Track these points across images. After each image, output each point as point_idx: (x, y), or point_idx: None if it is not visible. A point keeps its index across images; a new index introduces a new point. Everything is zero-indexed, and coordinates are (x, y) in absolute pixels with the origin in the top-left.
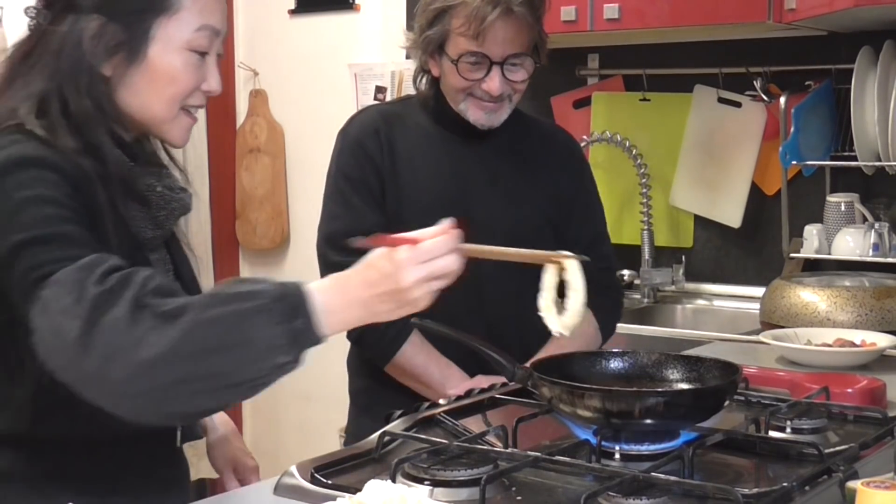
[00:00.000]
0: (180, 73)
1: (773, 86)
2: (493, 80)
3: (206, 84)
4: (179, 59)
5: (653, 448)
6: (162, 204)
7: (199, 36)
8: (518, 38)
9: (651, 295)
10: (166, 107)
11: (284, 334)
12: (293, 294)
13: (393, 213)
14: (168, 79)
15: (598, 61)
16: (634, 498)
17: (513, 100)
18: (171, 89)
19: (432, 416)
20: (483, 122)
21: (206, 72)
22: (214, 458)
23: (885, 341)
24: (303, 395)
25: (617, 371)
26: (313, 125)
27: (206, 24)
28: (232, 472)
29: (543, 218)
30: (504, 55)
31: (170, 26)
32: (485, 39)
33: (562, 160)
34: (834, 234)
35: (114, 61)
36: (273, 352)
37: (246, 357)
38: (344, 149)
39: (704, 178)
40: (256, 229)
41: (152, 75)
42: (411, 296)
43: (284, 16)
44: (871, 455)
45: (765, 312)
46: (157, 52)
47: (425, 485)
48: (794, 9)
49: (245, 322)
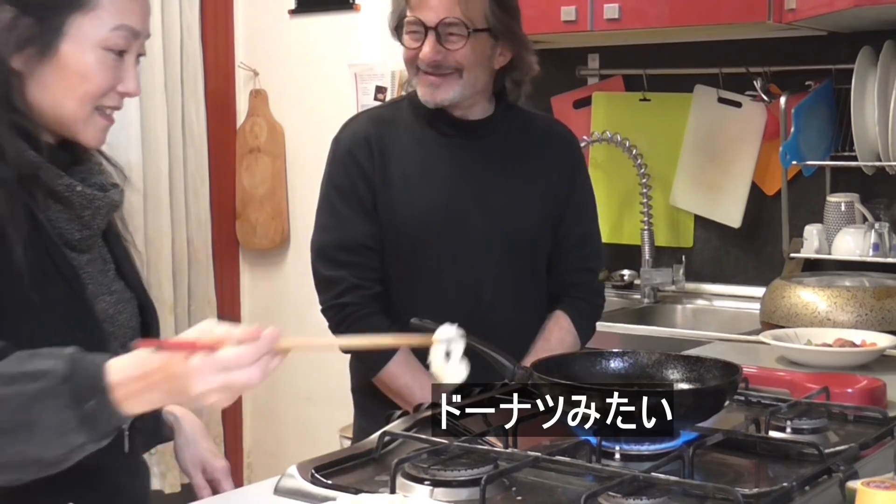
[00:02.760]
0: (93, 72)
1: (774, 86)
2: (426, 45)
3: (123, 85)
4: (93, 57)
5: (653, 448)
6: (85, 203)
7: (115, 35)
8: (454, 4)
9: (651, 295)
10: (78, 106)
11: (75, 417)
12: (85, 374)
13: (387, 221)
14: (80, 77)
15: (598, 61)
16: (634, 498)
17: (464, 77)
18: (84, 88)
19: (432, 416)
20: (428, 98)
21: (123, 73)
22: (182, 461)
23: (885, 341)
24: (303, 396)
25: (617, 371)
26: (313, 125)
27: (123, 24)
28: (201, 473)
29: (542, 216)
30: (436, 20)
31: (84, 23)
32: (420, 5)
33: (558, 156)
34: (834, 234)
35: (24, 55)
36: (65, 435)
37: (36, 439)
38: (335, 159)
39: (704, 178)
40: (256, 229)
41: (64, 72)
42: (203, 400)
43: (284, 16)
44: (871, 455)
45: (765, 312)
46: (69, 48)
47: (425, 485)
48: (794, 9)
49: (31, 405)
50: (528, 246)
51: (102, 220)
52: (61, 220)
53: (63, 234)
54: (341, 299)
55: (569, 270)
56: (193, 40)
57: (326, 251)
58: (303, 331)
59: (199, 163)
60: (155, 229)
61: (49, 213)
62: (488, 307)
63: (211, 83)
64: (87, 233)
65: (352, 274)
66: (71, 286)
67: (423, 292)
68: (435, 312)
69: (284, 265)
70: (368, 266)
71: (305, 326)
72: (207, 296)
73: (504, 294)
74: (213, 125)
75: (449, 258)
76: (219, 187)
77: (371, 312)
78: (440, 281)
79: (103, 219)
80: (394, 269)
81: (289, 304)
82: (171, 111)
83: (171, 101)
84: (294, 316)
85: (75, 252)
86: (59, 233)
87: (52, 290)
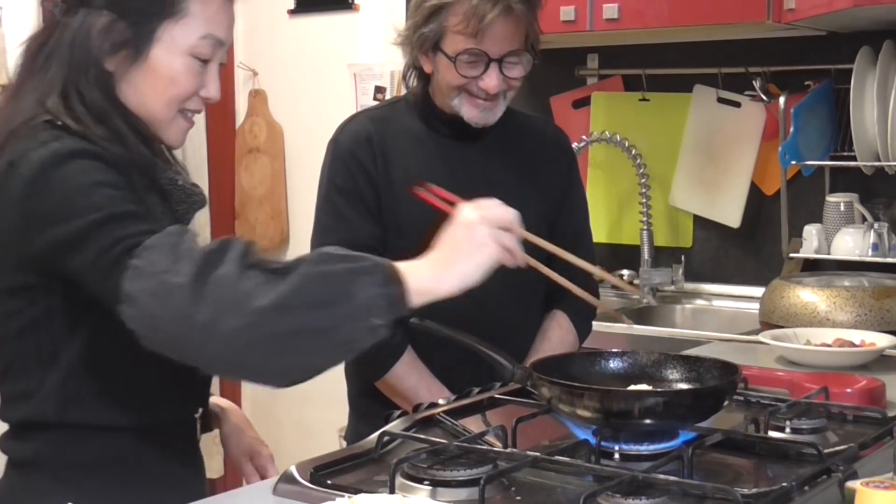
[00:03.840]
0: (180, 77)
1: (773, 86)
2: (491, 77)
3: (205, 90)
4: (180, 62)
5: (652, 448)
6: (182, 198)
7: (202, 43)
8: (516, 35)
9: (651, 295)
10: (164, 108)
11: (383, 297)
12: (390, 265)
13: (390, 221)
14: (167, 80)
15: (597, 61)
16: (634, 498)
17: (507, 97)
18: (170, 91)
19: (432, 416)
20: (478, 120)
21: (206, 78)
22: (230, 448)
23: (884, 341)
24: (303, 396)
25: (617, 371)
26: (313, 125)
27: (210, 34)
28: (249, 461)
29: (540, 216)
30: (502, 52)
31: (175, 30)
32: (483, 37)
33: (553, 157)
34: (833, 234)
35: (118, 58)
36: (371, 312)
37: (348, 314)
38: (336, 159)
39: (704, 178)
40: (256, 229)
41: (153, 75)
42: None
43: (284, 16)
44: (871, 455)
45: (764, 312)
46: (159, 53)
47: (425, 485)
48: (793, 9)
49: (351, 280)
50: (526, 246)
51: (192, 216)
52: (157, 212)
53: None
54: None
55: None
56: None
57: None
58: None
59: (198, 163)
60: None
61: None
62: (488, 307)
63: None
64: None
65: None
66: None
67: None
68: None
69: None
70: None
71: None
72: None
73: (504, 294)
74: (212, 125)
75: None
76: (218, 187)
77: None
78: None
79: (192, 215)
80: None
81: None
82: None
83: None
84: None
85: None
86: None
87: None
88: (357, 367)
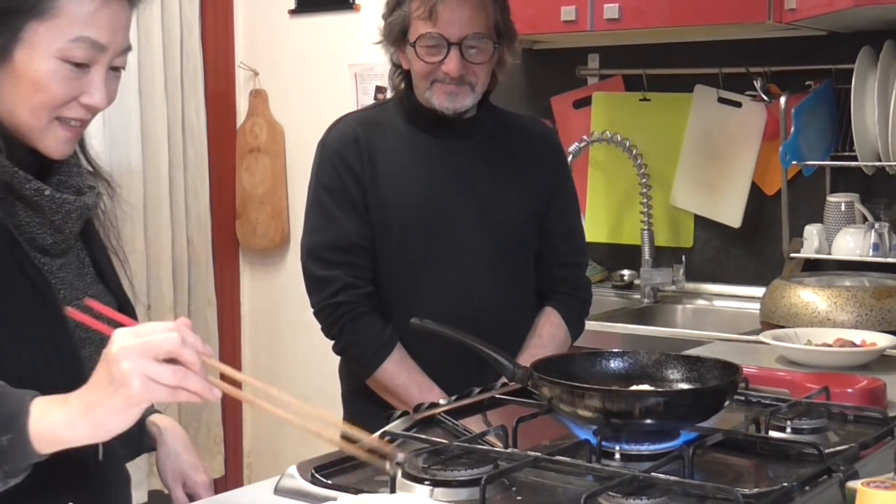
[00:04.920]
0: (47, 82)
1: (773, 86)
2: (451, 60)
3: (88, 97)
4: (47, 67)
5: (653, 448)
6: (55, 207)
7: (73, 46)
8: (476, 19)
9: (651, 295)
10: (32, 115)
11: None
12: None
13: (378, 221)
14: (33, 86)
15: (598, 61)
16: (634, 498)
17: (476, 86)
18: (37, 98)
19: (432, 416)
20: (447, 105)
21: (87, 85)
22: (163, 473)
23: (885, 341)
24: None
25: (617, 371)
26: (313, 125)
27: (83, 36)
28: (181, 487)
29: (528, 212)
30: (461, 36)
31: (41, 31)
32: (438, 19)
33: (541, 154)
34: (834, 234)
35: None
36: None
37: None
38: (323, 160)
39: (704, 178)
40: (256, 229)
41: (17, 80)
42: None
43: (284, 16)
44: (871, 455)
45: (765, 312)
46: (23, 56)
47: (425, 485)
48: (794, 9)
49: None
50: (515, 243)
51: (75, 223)
52: (33, 225)
53: (35, 239)
54: (335, 298)
55: (555, 266)
56: (193, 40)
57: (319, 252)
58: (302, 330)
59: (199, 163)
60: (155, 229)
61: (19, 218)
62: (479, 304)
63: (211, 83)
64: (60, 237)
65: (346, 273)
66: (39, 292)
67: (413, 291)
68: (426, 311)
69: (284, 265)
70: (361, 265)
71: (305, 326)
72: (207, 296)
73: (494, 291)
74: (213, 125)
75: (438, 256)
76: (219, 187)
77: (365, 311)
78: (430, 279)
79: (76, 222)
80: (384, 269)
81: (289, 303)
82: (171, 111)
83: (171, 100)
84: (294, 315)
85: (48, 257)
86: (30, 238)
87: (19, 297)
88: (348, 366)
